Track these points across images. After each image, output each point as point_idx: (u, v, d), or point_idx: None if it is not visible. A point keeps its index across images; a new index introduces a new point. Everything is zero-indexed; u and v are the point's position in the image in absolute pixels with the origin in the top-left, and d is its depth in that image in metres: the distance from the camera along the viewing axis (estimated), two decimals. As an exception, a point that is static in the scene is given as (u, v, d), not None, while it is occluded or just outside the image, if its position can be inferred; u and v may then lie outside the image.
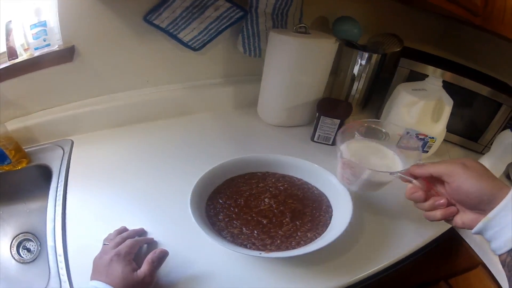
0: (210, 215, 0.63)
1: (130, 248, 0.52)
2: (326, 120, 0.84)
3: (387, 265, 0.61)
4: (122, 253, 0.50)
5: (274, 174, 0.73)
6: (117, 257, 0.50)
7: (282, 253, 0.56)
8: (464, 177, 0.43)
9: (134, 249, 0.53)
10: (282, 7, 0.88)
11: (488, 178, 0.42)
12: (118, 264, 0.49)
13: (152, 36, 0.85)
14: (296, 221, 0.63)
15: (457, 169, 0.44)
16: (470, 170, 0.43)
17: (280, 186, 0.70)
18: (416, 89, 0.84)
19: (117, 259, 0.49)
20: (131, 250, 0.52)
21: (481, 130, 0.92)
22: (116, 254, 0.50)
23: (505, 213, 0.39)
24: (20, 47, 0.77)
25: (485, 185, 0.42)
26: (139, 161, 0.81)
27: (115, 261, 0.49)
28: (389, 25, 1.07)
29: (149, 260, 0.51)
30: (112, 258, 0.49)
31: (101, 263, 0.50)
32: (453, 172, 0.45)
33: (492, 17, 0.69)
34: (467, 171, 0.43)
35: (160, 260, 0.53)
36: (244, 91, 1.03)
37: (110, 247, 0.53)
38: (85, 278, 0.50)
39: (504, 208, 0.39)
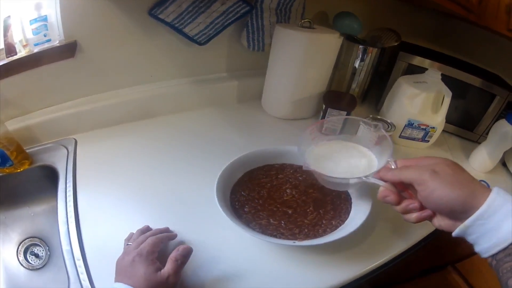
0: (235, 208, 0.63)
1: (153, 246, 0.50)
2: (333, 112, 0.86)
3: (403, 250, 0.63)
4: (144, 253, 0.48)
5: (291, 165, 0.73)
6: (139, 257, 0.48)
7: (315, 241, 0.56)
8: (433, 187, 0.40)
9: (157, 247, 0.51)
10: (286, 2, 0.89)
11: (460, 185, 0.39)
12: (140, 265, 0.47)
13: (156, 31, 0.83)
14: (319, 209, 0.64)
15: (425, 177, 0.41)
16: (439, 177, 0.40)
17: (298, 176, 0.71)
18: (417, 82, 0.87)
19: (139, 259, 0.48)
20: (154, 249, 0.50)
21: (476, 120, 0.97)
22: (138, 254, 0.48)
23: (482, 222, 0.37)
24: (19, 43, 0.73)
25: (455, 194, 0.39)
26: (146, 157, 0.80)
27: (137, 261, 0.47)
28: (386, 20, 1.11)
29: (173, 259, 0.49)
30: (134, 259, 0.48)
31: (123, 264, 0.48)
32: (421, 180, 0.42)
33: (486, 13, 0.72)
34: (436, 179, 0.40)
35: (185, 258, 0.50)
36: (248, 85, 1.03)
37: (132, 247, 0.51)
38: (107, 281, 0.49)
39: (480, 218, 0.37)
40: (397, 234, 0.65)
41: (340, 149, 0.62)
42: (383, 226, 0.66)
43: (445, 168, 0.41)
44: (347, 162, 0.59)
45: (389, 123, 0.83)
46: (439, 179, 0.40)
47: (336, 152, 0.61)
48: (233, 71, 1.03)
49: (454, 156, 0.94)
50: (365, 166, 0.57)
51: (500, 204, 0.37)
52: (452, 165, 0.42)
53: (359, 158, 0.59)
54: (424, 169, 0.42)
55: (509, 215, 0.36)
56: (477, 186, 0.39)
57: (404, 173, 0.45)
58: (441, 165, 0.42)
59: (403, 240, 0.64)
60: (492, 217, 0.37)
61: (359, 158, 0.59)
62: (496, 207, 0.37)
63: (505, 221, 0.36)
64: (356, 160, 0.59)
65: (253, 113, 1.01)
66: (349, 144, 0.62)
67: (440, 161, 0.43)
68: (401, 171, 0.45)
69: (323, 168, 0.57)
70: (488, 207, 0.37)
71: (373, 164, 0.57)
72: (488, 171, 0.88)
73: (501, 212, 0.36)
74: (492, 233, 0.37)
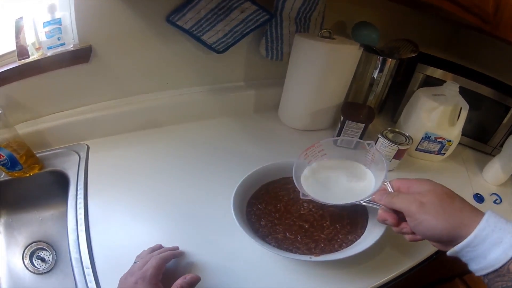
0: (252, 221, 0.63)
1: (157, 269, 0.49)
2: (351, 125, 0.86)
3: (414, 264, 0.63)
4: (147, 276, 0.47)
5: (308, 179, 0.73)
6: (142, 280, 0.47)
7: (331, 256, 0.57)
8: (420, 219, 0.42)
9: (161, 268, 0.50)
10: (306, 11, 0.89)
11: (446, 217, 0.40)
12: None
13: (174, 38, 0.84)
14: (336, 224, 0.64)
15: (412, 209, 0.42)
16: (426, 210, 0.41)
17: (315, 190, 0.71)
18: (435, 94, 0.87)
19: (142, 282, 0.46)
20: (158, 271, 0.49)
21: (490, 132, 0.96)
22: (141, 277, 0.47)
23: (469, 249, 0.38)
24: (31, 46, 0.73)
25: (441, 226, 0.40)
26: (160, 166, 0.79)
27: (140, 284, 0.46)
28: (403, 30, 1.10)
29: (178, 286, 0.47)
30: (137, 281, 0.47)
31: (126, 285, 0.48)
32: (409, 212, 0.43)
33: (501, 24, 0.71)
34: (422, 212, 0.41)
35: (190, 287, 0.49)
36: (265, 95, 1.03)
37: (137, 267, 0.50)
38: (117, 292, 0.49)
39: (467, 246, 0.38)
40: (407, 249, 0.65)
41: (336, 170, 0.63)
42: (396, 240, 0.66)
43: (433, 198, 0.42)
44: (343, 184, 0.61)
45: (406, 136, 0.83)
46: (426, 211, 0.41)
47: (333, 174, 0.62)
48: (250, 80, 1.03)
49: (468, 168, 0.94)
50: (361, 188, 0.58)
51: (488, 234, 0.37)
52: (441, 194, 0.42)
53: (355, 180, 0.60)
54: (412, 200, 0.43)
55: (496, 244, 0.37)
56: (465, 216, 0.40)
57: (394, 202, 0.46)
58: (428, 195, 0.43)
59: (413, 254, 0.64)
60: (479, 246, 0.38)
61: (356, 180, 0.60)
62: (483, 237, 0.37)
63: (492, 250, 0.37)
64: (352, 183, 0.60)
65: (269, 123, 1.01)
66: (345, 164, 0.63)
67: (429, 188, 0.44)
68: (392, 199, 0.47)
69: (319, 193, 0.59)
70: (475, 237, 0.38)
71: (369, 186, 0.57)
72: (501, 184, 0.88)
73: (488, 241, 0.37)
74: (480, 259, 0.38)
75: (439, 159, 0.93)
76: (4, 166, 0.69)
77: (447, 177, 0.89)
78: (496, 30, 0.73)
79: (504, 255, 0.36)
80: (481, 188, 0.86)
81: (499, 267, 0.36)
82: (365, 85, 0.99)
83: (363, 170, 0.61)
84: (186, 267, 0.57)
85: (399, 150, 0.79)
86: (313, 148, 0.64)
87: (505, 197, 0.83)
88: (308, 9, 0.88)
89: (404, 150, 0.80)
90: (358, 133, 0.87)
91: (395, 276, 0.61)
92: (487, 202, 0.81)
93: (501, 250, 0.36)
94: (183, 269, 0.57)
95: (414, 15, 1.11)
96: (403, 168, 0.87)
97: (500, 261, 0.36)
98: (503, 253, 0.36)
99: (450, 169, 0.92)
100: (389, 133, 0.82)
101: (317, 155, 0.64)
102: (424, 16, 1.12)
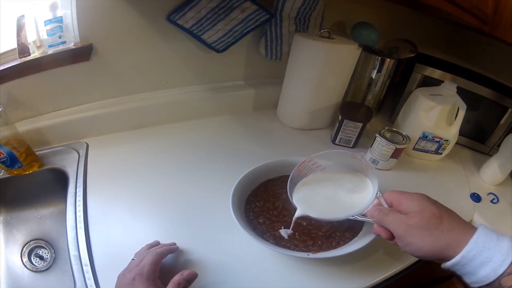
0: (250, 219, 0.64)
1: (154, 265, 0.49)
2: (349, 124, 0.87)
3: (411, 262, 0.64)
4: (144, 272, 0.47)
5: (306, 176, 0.74)
6: (139, 276, 0.47)
7: (328, 253, 0.57)
8: (406, 241, 0.43)
9: (158, 264, 0.50)
10: (306, 11, 0.90)
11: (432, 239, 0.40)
12: (141, 284, 0.46)
13: (174, 36, 0.84)
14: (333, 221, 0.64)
15: (399, 232, 0.44)
16: (412, 232, 0.42)
17: (314, 188, 0.71)
18: (433, 94, 0.87)
19: (140, 279, 0.47)
20: (155, 268, 0.49)
21: (488, 132, 0.97)
22: (139, 273, 0.47)
23: (458, 267, 0.39)
24: (32, 44, 0.73)
25: (426, 249, 0.41)
26: (159, 164, 0.80)
27: (138, 281, 0.47)
28: (402, 30, 1.11)
29: (176, 282, 0.47)
30: (135, 277, 0.47)
31: (124, 281, 0.48)
32: (396, 234, 0.44)
33: (500, 25, 0.72)
34: (408, 234, 0.42)
35: (188, 283, 0.49)
36: (264, 94, 1.04)
37: (135, 263, 0.50)
38: (115, 288, 0.49)
39: (456, 264, 0.39)
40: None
41: (330, 182, 0.63)
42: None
43: (419, 221, 0.42)
44: (339, 198, 0.60)
45: (404, 135, 0.83)
46: (412, 234, 0.42)
47: (327, 188, 0.62)
48: (249, 79, 1.04)
49: (465, 168, 0.94)
50: (357, 200, 0.58)
51: (475, 255, 0.38)
52: (428, 217, 0.42)
53: (351, 192, 0.60)
54: (399, 223, 0.44)
55: (485, 263, 0.37)
56: (453, 237, 0.40)
57: (384, 222, 0.47)
58: (415, 217, 0.43)
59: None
60: (468, 265, 0.38)
61: (351, 192, 0.60)
62: (471, 258, 0.38)
63: (481, 268, 0.37)
64: (348, 196, 0.60)
65: (268, 122, 1.02)
66: (340, 175, 0.63)
67: (417, 209, 0.44)
68: (382, 218, 0.47)
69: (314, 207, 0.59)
70: (462, 258, 0.38)
71: (364, 198, 0.57)
72: (498, 184, 0.89)
73: (477, 260, 0.38)
74: (470, 275, 0.39)
75: (437, 158, 0.93)
76: (3, 163, 0.70)
77: (444, 177, 0.89)
78: (495, 31, 0.73)
79: (493, 273, 0.36)
80: (478, 187, 0.86)
81: (490, 282, 0.37)
82: (363, 85, 1.00)
83: (357, 182, 0.61)
84: (184, 263, 0.58)
85: (396, 149, 0.80)
86: (304, 163, 0.63)
87: (502, 197, 0.84)
88: (308, 9, 0.89)
89: (402, 149, 0.81)
90: (356, 132, 0.88)
91: (393, 274, 0.61)
92: (484, 202, 0.82)
93: (490, 268, 0.37)
94: (181, 265, 0.57)
95: (413, 16, 1.12)
96: (400, 168, 0.88)
97: (489, 278, 0.37)
98: (492, 271, 0.36)
99: (447, 169, 0.93)
100: (387, 132, 0.83)
101: (311, 168, 0.64)
102: (423, 17, 1.13)
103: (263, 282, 0.57)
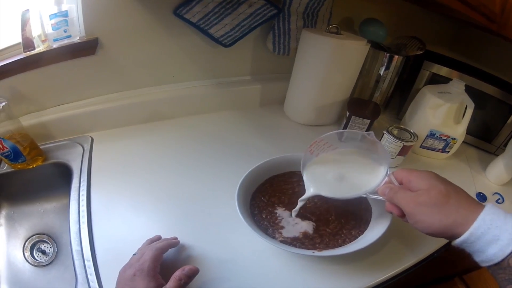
0: (254, 214, 0.63)
1: (154, 261, 0.49)
2: (356, 120, 0.86)
3: (416, 261, 0.63)
4: (145, 268, 0.47)
5: (313, 173, 0.73)
6: (140, 272, 0.47)
7: (334, 251, 0.57)
8: (416, 219, 0.43)
9: (158, 259, 0.50)
10: (314, 6, 0.89)
11: (441, 216, 0.41)
12: (142, 280, 0.46)
13: (181, 31, 0.83)
14: (341, 218, 0.64)
15: (409, 209, 0.44)
16: (420, 209, 0.43)
17: (321, 184, 0.71)
18: (441, 92, 0.87)
19: (141, 274, 0.46)
20: (155, 263, 0.49)
21: (494, 131, 0.96)
22: (139, 269, 0.47)
23: (467, 245, 0.40)
24: (37, 38, 0.73)
25: (436, 226, 0.41)
26: (164, 159, 0.79)
27: (139, 277, 0.46)
28: (410, 27, 1.10)
29: (177, 277, 0.47)
30: (136, 273, 0.47)
31: (125, 277, 0.47)
32: (406, 211, 0.45)
33: (508, 23, 0.71)
34: (417, 211, 0.43)
35: (189, 279, 0.48)
36: (271, 89, 1.03)
37: (136, 258, 0.50)
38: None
39: (465, 242, 0.39)
40: (410, 245, 0.65)
41: (341, 163, 0.62)
42: (399, 236, 0.66)
43: (427, 199, 0.43)
44: (350, 177, 0.60)
45: (411, 133, 0.83)
46: (420, 212, 0.43)
47: (338, 167, 0.62)
48: (256, 75, 1.03)
49: (471, 167, 0.94)
50: (368, 180, 0.58)
51: (483, 232, 0.38)
52: (435, 195, 0.42)
53: (361, 172, 0.59)
54: (408, 200, 0.45)
55: (493, 241, 0.37)
56: (460, 215, 0.40)
57: (394, 199, 0.47)
58: (423, 196, 0.43)
59: (415, 252, 0.65)
60: (476, 243, 0.38)
61: (361, 172, 0.59)
62: (478, 235, 0.38)
63: (489, 247, 0.37)
64: (358, 176, 0.59)
65: (275, 117, 1.01)
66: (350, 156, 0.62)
67: (426, 187, 0.44)
68: (393, 196, 0.48)
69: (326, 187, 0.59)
70: (470, 235, 0.39)
71: (374, 178, 0.57)
72: (504, 184, 0.88)
73: (485, 239, 0.38)
74: (479, 253, 0.39)
75: (443, 157, 0.93)
76: (7, 157, 0.69)
77: (451, 175, 0.85)
78: (503, 29, 0.73)
79: (501, 252, 0.36)
80: (484, 187, 0.86)
81: (498, 262, 0.37)
82: (371, 82, 0.99)
83: (368, 161, 0.60)
84: (186, 259, 0.57)
85: (404, 147, 0.79)
86: (315, 143, 0.63)
87: (508, 197, 0.83)
88: (316, 4, 0.88)
89: (409, 147, 0.80)
90: (363, 129, 0.87)
91: (397, 273, 0.61)
92: (489, 202, 0.81)
93: (498, 247, 0.37)
94: (183, 261, 0.57)
95: (422, 13, 1.11)
96: (407, 165, 0.87)
97: (498, 257, 0.37)
98: (500, 250, 0.37)
99: (453, 167, 0.92)
100: (394, 129, 0.82)
101: (323, 148, 0.64)
102: (431, 14, 1.12)
103: (266, 280, 0.56)
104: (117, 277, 0.49)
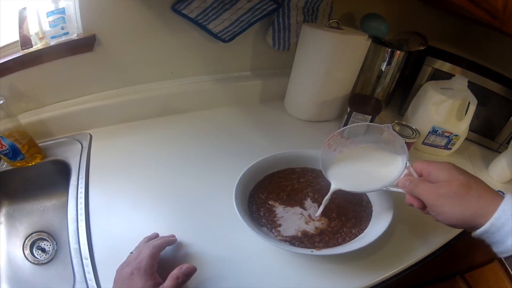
0: (252, 211, 0.62)
1: (151, 259, 0.49)
2: (358, 116, 0.85)
3: (416, 260, 0.63)
4: (142, 266, 0.47)
5: (313, 170, 0.73)
6: (137, 270, 0.47)
7: (332, 250, 0.56)
8: (437, 211, 0.44)
9: (156, 258, 0.50)
10: (314, 1, 0.88)
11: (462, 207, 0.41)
12: (139, 279, 0.46)
13: (179, 26, 0.82)
14: (341, 216, 0.63)
15: (430, 201, 0.45)
16: (442, 201, 0.43)
17: (321, 181, 0.70)
18: (443, 88, 0.85)
19: (138, 273, 0.46)
20: (153, 261, 0.49)
21: (497, 129, 0.95)
22: (137, 267, 0.47)
23: (487, 235, 0.40)
24: (35, 35, 0.73)
25: (457, 217, 0.42)
26: (163, 156, 0.79)
27: (136, 275, 0.46)
28: (412, 23, 1.09)
29: (174, 276, 0.47)
30: (133, 272, 0.47)
31: (122, 275, 0.47)
32: (427, 203, 0.46)
33: (510, 20, 0.71)
34: (438, 203, 0.44)
35: (187, 277, 0.48)
36: (271, 85, 1.02)
37: (133, 257, 0.50)
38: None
39: (486, 232, 0.40)
40: (411, 244, 0.65)
41: (360, 157, 0.62)
42: (400, 234, 0.66)
43: (448, 191, 0.43)
44: (369, 171, 0.60)
45: (413, 129, 0.82)
46: (442, 203, 0.43)
47: (357, 162, 0.62)
48: (256, 70, 1.02)
49: (474, 164, 0.92)
50: (387, 173, 0.57)
51: (504, 222, 0.38)
52: (456, 186, 0.43)
53: (380, 165, 0.59)
54: (429, 192, 0.45)
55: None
56: (481, 205, 0.41)
57: (415, 192, 0.48)
58: (444, 187, 0.44)
59: (416, 250, 0.64)
60: (497, 233, 0.39)
61: (380, 165, 0.59)
62: (499, 226, 0.38)
63: (508, 238, 0.38)
64: (377, 168, 0.59)
65: (275, 113, 1.00)
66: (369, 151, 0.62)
67: (446, 178, 0.45)
68: (413, 189, 0.48)
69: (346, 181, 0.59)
70: (491, 226, 0.39)
71: (393, 171, 0.56)
72: (507, 181, 0.87)
73: (505, 229, 0.38)
74: (499, 244, 0.39)
75: (446, 153, 0.92)
76: (6, 155, 0.69)
77: None
78: (505, 26, 0.72)
79: None
80: (486, 184, 0.85)
81: None
82: (372, 77, 0.98)
83: (386, 154, 0.60)
84: (183, 257, 0.57)
85: (405, 144, 0.78)
86: (334, 137, 0.62)
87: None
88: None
89: (411, 144, 0.80)
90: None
91: (398, 271, 0.60)
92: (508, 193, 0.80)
93: None
94: (180, 259, 0.56)
95: (424, 8, 1.10)
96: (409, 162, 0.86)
97: None
98: None
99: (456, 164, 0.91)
100: (396, 125, 0.82)
101: (340, 142, 0.63)
102: (433, 10, 1.10)
103: (264, 278, 0.55)
104: (115, 275, 0.49)
